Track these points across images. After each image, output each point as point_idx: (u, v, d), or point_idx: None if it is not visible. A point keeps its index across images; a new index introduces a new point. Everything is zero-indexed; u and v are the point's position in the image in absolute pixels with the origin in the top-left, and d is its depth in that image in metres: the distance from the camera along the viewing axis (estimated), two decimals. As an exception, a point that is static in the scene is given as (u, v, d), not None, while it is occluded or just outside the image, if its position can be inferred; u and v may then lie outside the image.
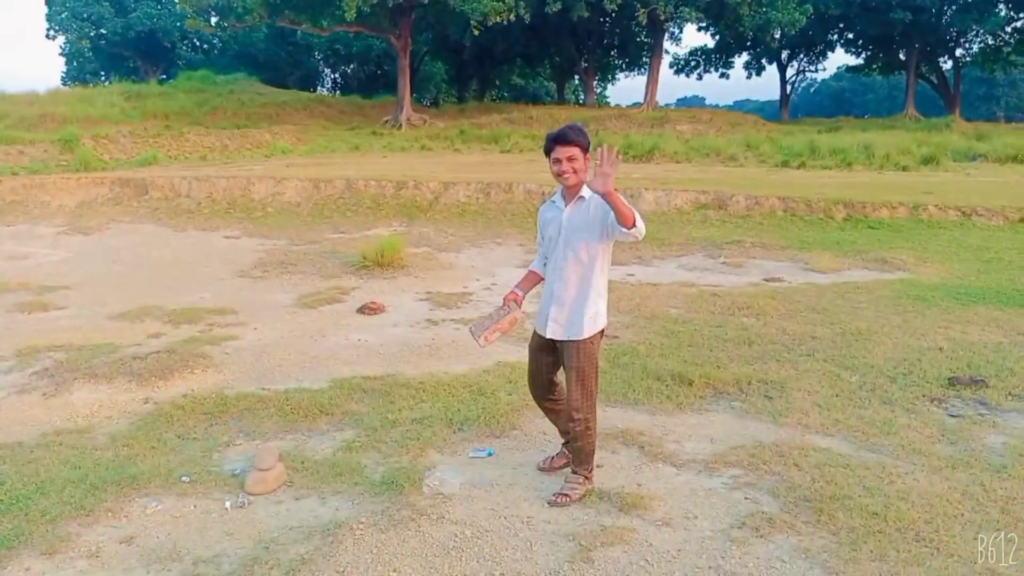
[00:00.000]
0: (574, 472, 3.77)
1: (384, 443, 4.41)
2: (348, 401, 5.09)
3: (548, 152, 3.59)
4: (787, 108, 50.50)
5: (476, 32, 29.48)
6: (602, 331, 3.67)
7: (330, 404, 5.00)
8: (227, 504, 3.72)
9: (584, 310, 3.60)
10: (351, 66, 51.67)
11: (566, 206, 3.67)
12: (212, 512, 3.65)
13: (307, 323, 7.31)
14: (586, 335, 3.59)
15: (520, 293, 3.82)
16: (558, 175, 3.58)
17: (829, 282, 8.76)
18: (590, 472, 3.78)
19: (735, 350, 6.09)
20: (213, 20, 32.19)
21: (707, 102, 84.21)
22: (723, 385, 5.26)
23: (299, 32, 38.70)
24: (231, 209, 13.82)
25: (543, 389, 3.92)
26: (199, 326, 7.16)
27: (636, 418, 4.77)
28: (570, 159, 3.51)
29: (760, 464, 4.05)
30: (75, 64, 48.75)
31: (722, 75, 51.38)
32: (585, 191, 3.57)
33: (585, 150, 3.54)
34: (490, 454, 4.26)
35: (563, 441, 3.99)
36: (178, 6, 35.58)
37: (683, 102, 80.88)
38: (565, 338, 3.63)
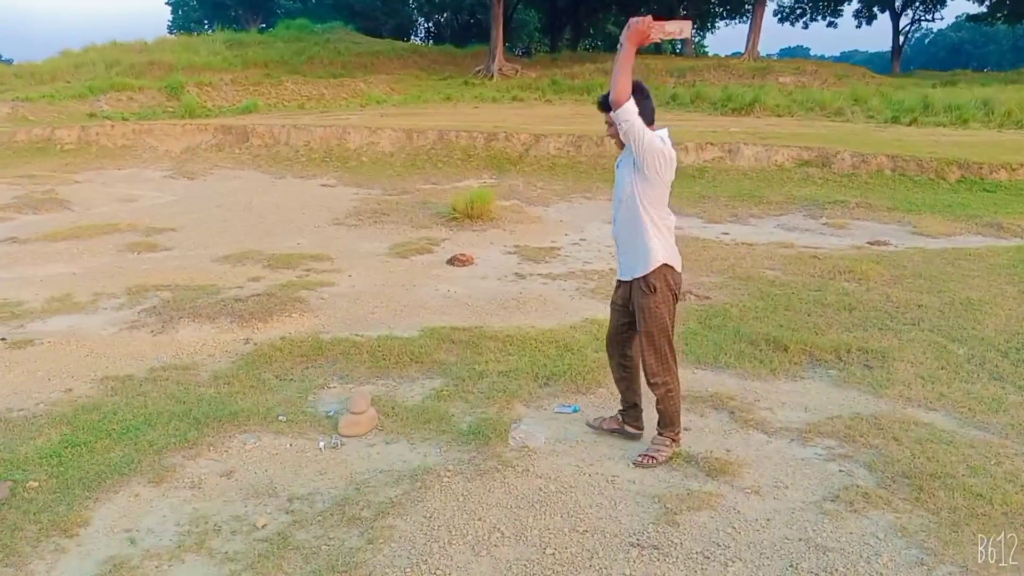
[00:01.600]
0: (660, 434, 3.73)
1: (471, 393, 4.46)
2: (437, 350, 5.16)
3: None
4: (899, 60, 47.49)
5: (572, -21, 28.76)
6: (670, 286, 3.56)
7: (420, 352, 5.09)
8: (321, 444, 3.85)
9: (638, 248, 3.56)
10: (444, 15, 51.51)
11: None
12: (307, 451, 3.79)
13: (399, 272, 7.43)
14: (646, 270, 3.52)
15: None
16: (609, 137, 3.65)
17: (939, 247, 8.28)
18: (677, 434, 3.72)
19: (834, 316, 5.85)
20: (311, -31, 32.54)
21: (812, 52, 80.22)
22: (820, 352, 5.07)
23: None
24: (327, 158, 14.11)
25: (617, 347, 3.88)
26: (296, 271, 7.38)
27: (727, 382, 4.67)
28: (609, 123, 3.51)
29: (857, 436, 3.90)
30: (180, 13, 50.37)
31: (830, 24, 48.69)
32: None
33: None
34: (575, 410, 4.25)
35: (620, 407, 3.97)
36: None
37: (786, 52, 77.27)
38: (631, 277, 3.62)
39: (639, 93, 3.41)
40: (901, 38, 48.16)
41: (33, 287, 6.77)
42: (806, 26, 49.40)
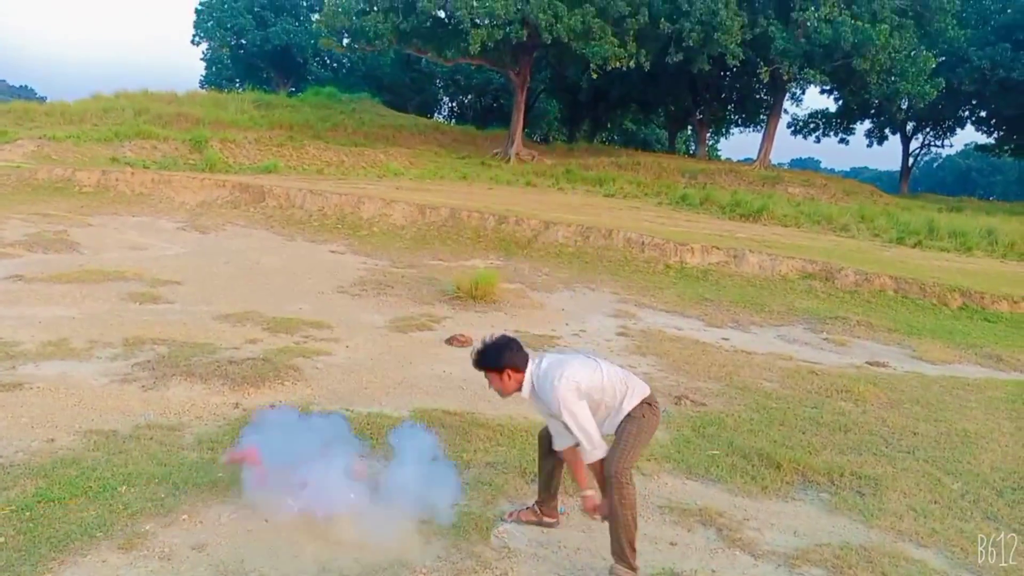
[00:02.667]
0: (613, 569, 3.49)
1: (457, 484, 4.38)
2: (426, 434, 5.09)
3: None
4: (907, 181, 48.47)
5: (595, 76, 29.73)
6: (647, 402, 3.60)
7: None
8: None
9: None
10: (468, 96, 52.98)
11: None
12: (283, 531, 3.70)
13: (396, 347, 7.42)
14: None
15: None
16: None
17: (937, 374, 8.26)
18: (632, 566, 3.47)
19: (829, 436, 5.79)
20: (345, 41, 33.63)
21: (823, 165, 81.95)
22: (813, 473, 4.99)
23: (424, 60, 39.96)
24: (339, 225, 14.28)
25: (547, 439, 3.80)
26: (295, 336, 7.37)
27: (717, 497, 4.58)
28: (491, 382, 3.63)
29: (845, 567, 3.80)
30: (213, 70, 51.83)
31: (841, 140, 49.89)
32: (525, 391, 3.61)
33: (498, 371, 3.55)
34: (561, 511, 4.17)
35: (536, 499, 3.99)
36: (314, 25, 37.45)
37: (797, 163, 78.92)
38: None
39: (513, 349, 3.55)
40: (910, 160, 49.26)
41: (31, 328, 6.76)
42: (818, 140, 50.64)
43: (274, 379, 5.94)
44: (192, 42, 46.82)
